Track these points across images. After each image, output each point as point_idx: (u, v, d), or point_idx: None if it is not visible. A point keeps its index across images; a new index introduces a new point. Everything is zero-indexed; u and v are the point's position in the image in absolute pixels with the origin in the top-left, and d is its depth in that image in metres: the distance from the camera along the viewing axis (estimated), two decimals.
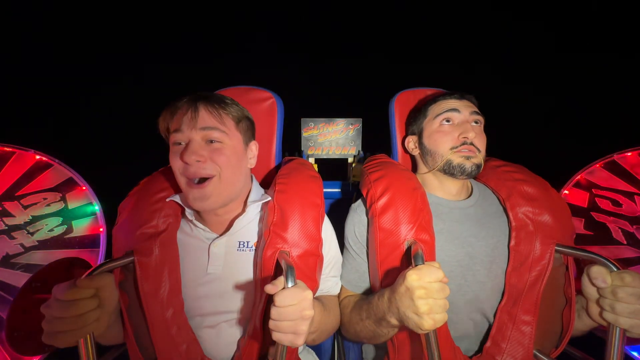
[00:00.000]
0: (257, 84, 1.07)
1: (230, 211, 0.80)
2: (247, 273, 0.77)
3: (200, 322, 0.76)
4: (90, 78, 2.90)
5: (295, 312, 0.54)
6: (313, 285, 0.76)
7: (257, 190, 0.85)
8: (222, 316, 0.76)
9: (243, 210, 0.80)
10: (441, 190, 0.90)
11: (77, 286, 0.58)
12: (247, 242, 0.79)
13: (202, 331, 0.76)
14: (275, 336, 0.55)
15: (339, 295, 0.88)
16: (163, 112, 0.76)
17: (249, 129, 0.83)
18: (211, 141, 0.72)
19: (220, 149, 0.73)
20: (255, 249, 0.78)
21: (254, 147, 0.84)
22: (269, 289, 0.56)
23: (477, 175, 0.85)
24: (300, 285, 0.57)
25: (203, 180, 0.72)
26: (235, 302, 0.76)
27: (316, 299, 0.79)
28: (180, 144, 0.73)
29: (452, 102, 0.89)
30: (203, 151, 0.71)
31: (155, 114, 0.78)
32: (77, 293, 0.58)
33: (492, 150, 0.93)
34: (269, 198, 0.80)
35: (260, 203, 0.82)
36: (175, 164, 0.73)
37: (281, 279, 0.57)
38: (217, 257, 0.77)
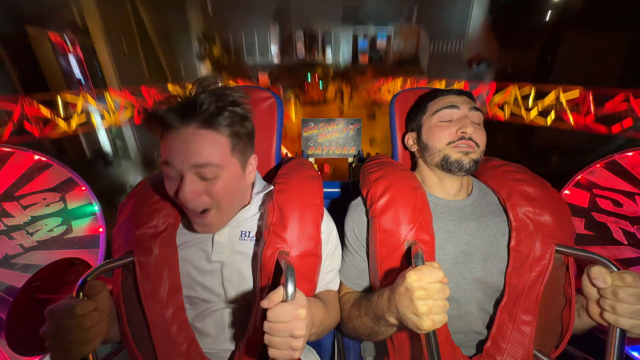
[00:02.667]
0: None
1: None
2: (248, 262, 0.78)
3: (203, 312, 0.77)
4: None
5: (286, 330, 0.54)
6: (311, 286, 0.76)
7: (259, 184, 0.86)
8: (223, 307, 0.77)
9: (248, 202, 0.81)
10: (440, 189, 0.90)
11: (84, 300, 0.60)
12: (249, 232, 0.80)
13: (204, 324, 0.77)
14: (271, 352, 0.55)
15: (339, 291, 0.89)
16: (149, 122, 0.66)
17: (247, 144, 0.74)
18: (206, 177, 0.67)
19: (215, 182, 0.68)
20: (255, 240, 0.79)
21: (253, 161, 0.78)
22: (265, 304, 0.55)
23: (475, 170, 0.85)
24: (296, 302, 0.56)
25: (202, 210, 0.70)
26: (237, 295, 0.77)
27: (317, 297, 0.80)
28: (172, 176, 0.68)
29: (451, 98, 0.89)
30: (197, 187, 0.67)
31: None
32: (86, 307, 0.60)
33: (492, 150, 0.93)
34: (272, 187, 0.80)
35: (263, 193, 0.84)
36: (170, 192, 0.69)
37: (279, 291, 0.56)
38: (221, 246, 0.78)
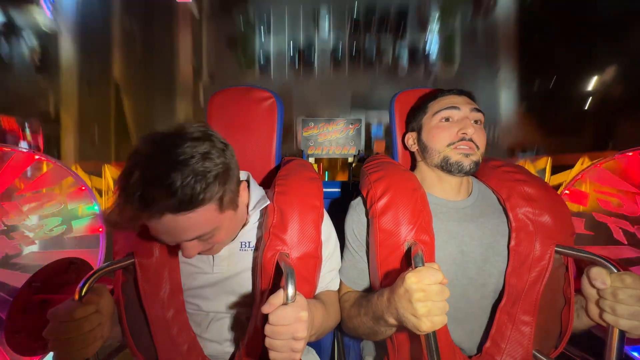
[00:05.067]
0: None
1: None
2: (249, 272, 0.78)
3: (203, 321, 0.77)
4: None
5: (288, 332, 0.54)
6: (311, 288, 0.76)
7: (255, 195, 0.81)
8: (224, 315, 0.77)
9: (246, 221, 0.80)
10: (440, 189, 0.90)
11: (84, 304, 0.60)
12: (249, 242, 0.79)
13: (204, 331, 0.77)
14: (271, 355, 0.55)
15: (339, 291, 0.89)
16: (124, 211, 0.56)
17: (234, 190, 0.67)
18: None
19: (213, 237, 0.66)
20: (255, 249, 0.78)
21: (243, 192, 0.73)
22: (266, 309, 0.55)
23: (475, 172, 0.85)
24: (297, 305, 0.56)
25: None
26: (237, 301, 0.77)
27: (317, 298, 0.80)
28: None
29: (452, 99, 0.89)
30: (197, 248, 0.66)
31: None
32: (85, 311, 0.59)
33: (492, 151, 0.93)
34: (268, 202, 0.78)
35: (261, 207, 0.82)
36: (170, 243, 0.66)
37: (279, 294, 0.56)
38: (222, 259, 0.78)
